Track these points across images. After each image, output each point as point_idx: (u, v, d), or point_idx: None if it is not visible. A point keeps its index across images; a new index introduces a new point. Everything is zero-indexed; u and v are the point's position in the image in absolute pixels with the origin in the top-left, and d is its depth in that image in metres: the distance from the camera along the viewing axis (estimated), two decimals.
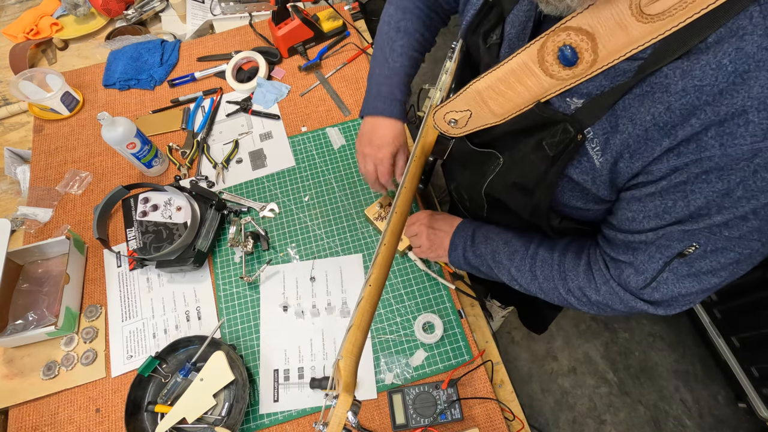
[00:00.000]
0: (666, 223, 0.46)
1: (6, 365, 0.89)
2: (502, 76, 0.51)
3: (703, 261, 0.46)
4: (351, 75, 1.18)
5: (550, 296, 0.65)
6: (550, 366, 1.73)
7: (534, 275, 0.65)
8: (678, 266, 0.48)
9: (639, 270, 0.51)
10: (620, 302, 0.55)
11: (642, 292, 0.52)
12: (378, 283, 0.58)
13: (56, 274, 0.95)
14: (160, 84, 1.21)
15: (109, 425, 0.83)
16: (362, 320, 0.55)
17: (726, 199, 0.41)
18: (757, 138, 0.37)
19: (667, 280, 0.49)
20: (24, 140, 1.18)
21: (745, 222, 0.42)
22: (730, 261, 0.45)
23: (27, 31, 1.30)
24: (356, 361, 0.53)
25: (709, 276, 0.47)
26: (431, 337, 0.84)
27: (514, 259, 0.68)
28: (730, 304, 1.51)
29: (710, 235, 0.44)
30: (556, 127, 0.50)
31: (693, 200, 0.43)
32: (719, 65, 0.37)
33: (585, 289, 0.59)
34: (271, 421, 0.81)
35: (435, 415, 0.78)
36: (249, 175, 1.06)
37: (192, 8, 1.30)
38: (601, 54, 0.43)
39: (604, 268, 0.57)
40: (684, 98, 0.39)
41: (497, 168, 0.63)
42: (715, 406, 1.64)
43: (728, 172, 0.39)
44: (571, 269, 0.61)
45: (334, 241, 0.96)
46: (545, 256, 0.64)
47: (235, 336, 0.89)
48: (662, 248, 0.48)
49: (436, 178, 2.12)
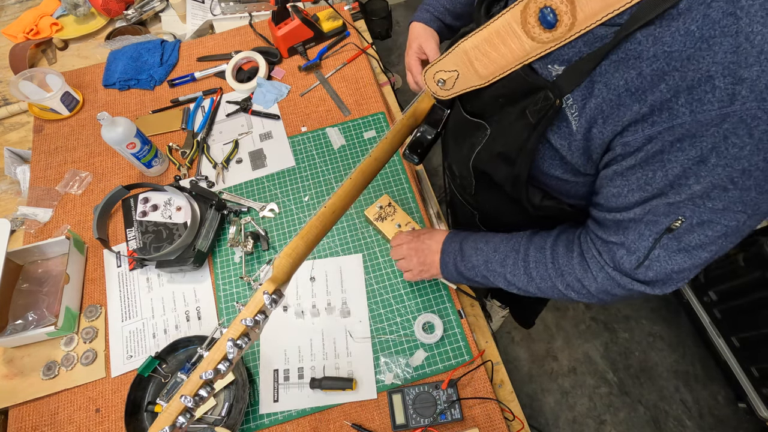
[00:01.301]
0: (650, 195, 0.47)
1: (6, 365, 0.89)
2: (488, 36, 0.53)
3: (692, 235, 0.47)
4: (351, 75, 1.18)
5: (549, 294, 0.65)
6: (550, 366, 1.73)
7: (530, 277, 0.65)
8: (668, 242, 0.48)
9: (630, 249, 0.52)
10: (618, 286, 0.55)
11: (636, 272, 0.52)
12: (334, 209, 0.64)
13: (56, 274, 0.95)
14: (160, 84, 1.21)
15: (109, 425, 0.83)
16: (308, 233, 0.61)
17: (702, 168, 0.42)
18: (723, 103, 0.38)
19: (659, 257, 0.50)
20: (24, 140, 1.18)
21: (725, 192, 0.42)
22: (718, 234, 0.46)
23: (27, 31, 1.30)
24: (291, 263, 0.59)
25: (699, 250, 0.48)
26: (431, 337, 0.84)
27: (506, 264, 0.68)
28: (730, 304, 1.51)
29: (694, 207, 0.45)
30: (539, 94, 0.51)
31: (671, 169, 0.43)
32: (687, 31, 0.39)
33: (583, 280, 0.59)
34: (271, 421, 0.81)
35: (435, 415, 0.78)
36: (249, 175, 1.06)
37: (192, 8, 1.30)
38: (579, 17, 0.45)
39: (597, 254, 0.57)
40: (654, 64, 0.41)
41: (485, 139, 0.64)
42: (715, 406, 1.64)
43: (700, 139, 0.40)
44: (566, 263, 0.61)
45: (334, 241, 0.96)
46: (537, 256, 0.64)
47: None
48: (650, 224, 0.49)
49: (437, 178, 2.12)
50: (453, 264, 0.76)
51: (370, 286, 0.91)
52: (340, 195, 0.65)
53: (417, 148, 0.78)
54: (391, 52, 2.51)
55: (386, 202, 0.95)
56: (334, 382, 0.81)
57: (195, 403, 0.53)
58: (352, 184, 0.66)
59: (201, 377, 0.53)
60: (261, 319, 0.56)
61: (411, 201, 1.00)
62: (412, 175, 1.04)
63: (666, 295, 1.79)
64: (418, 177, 1.07)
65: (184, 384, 0.54)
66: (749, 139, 0.39)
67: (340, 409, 0.82)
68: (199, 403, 0.54)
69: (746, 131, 0.38)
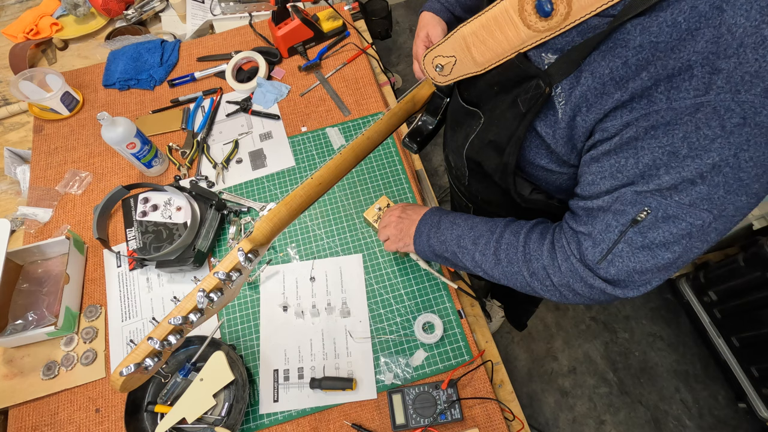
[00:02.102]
0: (620, 184, 0.47)
1: (6, 365, 0.89)
2: (485, 22, 0.53)
3: (656, 231, 0.46)
4: (351, 75, 1.18)
5: (513, 281, 0.63)
6: (550, 366, 1.73)
7: (498, 259, 0.64)
8: (632, 236, 0.48)
9: (596, 240, 0.51)
10: (580, 280, 0.55)
11: (599, 267, 0.52)
12: (321, 180, 0.65)
13: (56, 274, 0.95)
14: (160, 84, 1.21)
15: (109, 425, 0.83)
16: (291, 200, 0.63)
17: (672, 159, 0.42)
18: (699, 92, 0.39)
19: (622, 252, 0.50)
20: (24, 140, 1.18)
21: (693, 186, 0.42)
22: (683, 233, 0.45)
23: (27, 31, 1.30)
24: (272, 227, 0.62)
25: (662, 249, 0.47)
26: (431, 337, 0.84)
27: (478, 243, 0.67)
28: (730, 304, 1.51)
29: (661, 199, 0.44)
30: (531, 82, 0.52)
31: (642, 157, 0.44)
32: (674, 22, 0.39)
33: (548, 268, 0.58)
34: (271, 422, 0.81)
35: (435, 416, 0.78)
36: (249, 175, 1.06)
37: (192, 8, 1.30)
38: (575, 7, 0.45)
39: (566, 244, 0.57)
40: (640, 53, 0.41)
41: (478, 127, 0.64)
42: (715, 406, 1.63)
43: (673, 127, 0.41)
44: (536, 249, 0.60)
45: (334, 242, 0.96)
46: (510, 240, 0.64)
47: (235, 336, 0.89)
48: (617, 214, 0.48)
49: (437, 178, 2.11)
50: (426, 235, 0.75)
51: (370, 286, 0.91)
52: (328, 167, 0.66)
53: (417, 137, 0.78)
54: (391, 52, 2.51)
55: (385, 204, 0.95)
56: (334, 382, 0.81)
57: (162, 346, 0.55)
58: (342, 158, 0.67)
59: (170, 322, 0.55)
60: (236, 276, 0.57)
61: (411, 201, 1.00)
62: (412, 175, 1.04)
63: (666, 295, 1.79)
64: (418, 177, 1.07)
65: (154, 328, 0.56)
66: (720, 131, 0.39)
67: (340, 409, 0.82)
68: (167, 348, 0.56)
69: (718, 122, 0.38)
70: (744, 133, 0.38)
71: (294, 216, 0.64)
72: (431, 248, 0.74)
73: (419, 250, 0.77)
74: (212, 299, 0.56)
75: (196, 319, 0.56)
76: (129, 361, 0.54)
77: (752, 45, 0.36)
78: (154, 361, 0.55)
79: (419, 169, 1.10)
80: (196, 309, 0.56)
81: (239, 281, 0.59)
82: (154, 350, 0.55)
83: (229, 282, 0.57)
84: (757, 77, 0.36)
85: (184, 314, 0.55)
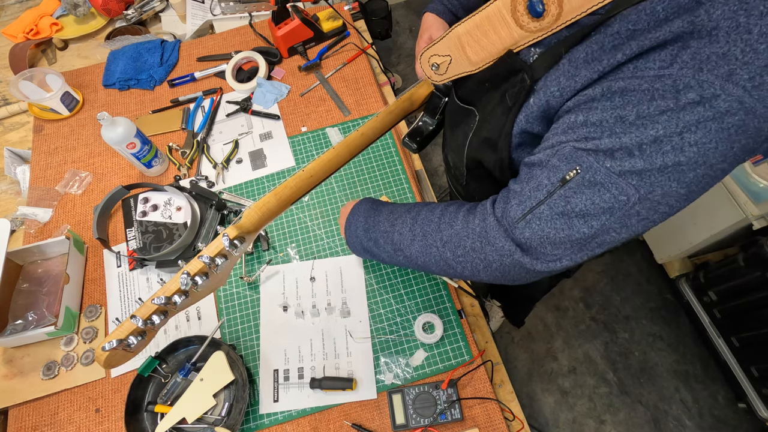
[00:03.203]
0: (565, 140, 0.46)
1: (6, 365, 0.89)
2: (479, 22, 0.54)
3: (579, 196, 0.45)
4: (351, 75, 1.18)
5: (429, 258, 0.61)
6: (550, 366, 1.73)
7: (413, 234, 0.63)
8: (556, 200, 0.47)
9: (523, 198, 0.50)
10: (490, 244, 0.53)
11: (516, 225, 0.51)
12: (312, 173, 0.65)
13: (56, 274, 0.95)
14: (160, 84, 1.21)
15: (109, 425, 0.83)
16: (282, 191, 0.63)
17: (618, 123, 0.42)
18: (664, 64, 0.39)
19: (542, 214, 0.48)
20: (24, 140, 1.18)
21: (629, 157, 0.41)
22: (604, 205, 0.44)
23: (27, 31, 1.30)
24: (260, 216, 0.62)
25: (580, 220, 0.46)
26: (431, 337, 0.84)
27: (396, 223, 0.66)
28: (730, 304, 1.51)
29: (593, 161, 0.43)
30: (517, 77, 0.52)
31: (591, 115, 0.44)
32: (653, 11, 0.40)
33: (461, 232, 0.57)
34: (271, 422, 0.81)
35: (435, 415, 0.78)
36: (249, 175, 1.06)
37: (192, 8, 1.30)
38: (566, 8, 0.46)
39: (489, 204, 0.56)
40: (616, 39, 0.42)
41: (474, 125, 0.64)
42: (715, 406, 1.63)
43: (630, 94, 0.41)
44: (450, 217, 0.59)
45: (334, 241, 0.96)
46: (427, 214, 0.62)
47: (235, 336, 0.89)
48: (551, 171, 0.47)
49: (437, 178, 2.11)
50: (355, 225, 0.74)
51: (370, 286, 0.91)
52: (320, 161, 0.66)
53: (416, 136, 0.79)
54: (391, 52, 2.51)
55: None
56: (334, 382, 0.81)
57: (145, 324, 0.56)
58: (335, 153, 0.67)
59: (153, 302, 0.56)
60: (221, 262, 0.58)
61: (411, 201, 1.00)
62: (411, 175, 1.04)
63: (666, 295, 1.79)
64: (417, 177, 1.07)
65: (139, 307, 0.57)
66: (673, 104, 0.38)
67: (340, 409, 0.82)
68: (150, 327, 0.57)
69: (673, 95, 0.38)
70: (696, 113, 0.37)
71: (284, 207, 0.64)
72: (358, 238, 0.74)
73: (350, 242, 0.77)
74: (197, 282, 0.57)
75: (180, 301, 0.57)
76: (112, 336, 0.55)
77: (726, 28, 0.36)
78: (137, 340, 0.56)
79: (419, 168, 1.10)
80: (181, 291, 0.57)
81: (225, 267, 0.60)
82: (138, 329, 0.56)
83: (214, 266, 0.58)
84: (723, 59, 0.36)
85: (168, 295, 0.56)
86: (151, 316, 0.56)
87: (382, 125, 0.72)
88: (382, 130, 0.72)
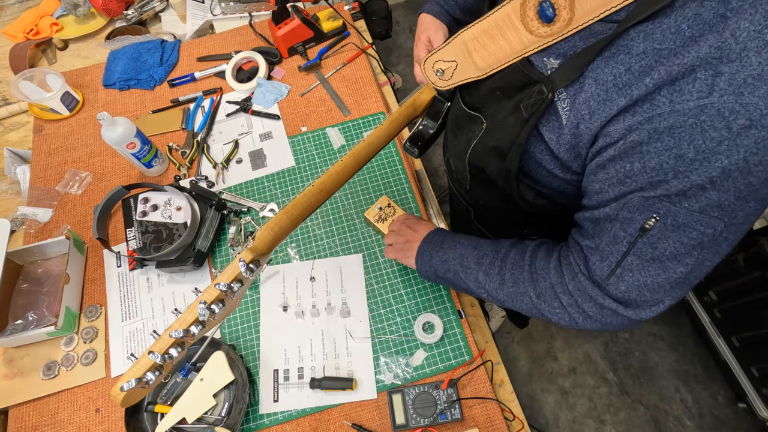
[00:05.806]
0: (627, 190, 0.46)
1: (6, 365, 0.89)
2: (487, 27, 0.53)
3: (666, 241, 0.45)
4: (351, 75, 1.18)
5: (519, 303, 0.61)
6: (550, 366, 1.73)
7: (503, 279, 0.63)
8: (641, 248, 0.47)
9: (604, 254, 0.50)
10: (589, 300, 0.53)
11: (608, 282, 0.50)
12: (322, 188, 0.64)
13: (56, 274, 0.95)
14: (160, 84, 1.21)
15: (109, 425, 0.83)
16: (293, 209, 0.62)
17: (680, 163, 0.41)
18: (702, 94, 0.38)
19: (631, 265, 0.48)
20: (24, 140, 1.18)
21: (703, 192, 0.41)
22: (694, 242, 0.44)
23: (27, 31, 1.30)
24: (273, 236, 0.60)
25: (673, 262, 0.46)
26: (431, 337, 0.84)
27: (482, 263, 0.66)
28: (730, 304, 1.51)
29: (670, 205, 0.43)
30: (533, 88, 0.51)
31: (648, 161, 0.43)
32: (678, 29, 0.39)
33: (556, 287, 0.56)
34: (271, 421, 0.81)
35: (435, 416, 0.78)
36: (249, 175, 1.06)
37: (192, 8, 1.30)
38: (578, 13, 0.45)
39: (573, 261, 0.55)
40: (643, 60, 0.41)
41: (480, 133, 0.64)
42: (715, 406, 1.63)
43: (678, 131, 0.40)
44: (542, 267, 0.59)
45: (334, 241, 0.96)
46: (516, 259, 0.62)
47: (235, 336, 0.89)
48: (625, 223, 0.47)
49: (437, 178, 2.11)
50: (429, 253, 0.74)
51: (370, 286, 0.91)
52: (329, 175, 0.65)
53: (418, 141, 0.78)
54: (391, 52, 2.51)
55: (386, 203, 0.95)
56: (334, 382, 0.81)
57: (163, 360, 0.53)
58: (343, 166, 0.66)
59: (171, 335, 0.53)
60: (237, 287, 0.56)
61: (411, 201, 1.00)
62: (412, 175, 1.04)
63: None
64: (418, 177, 1.07)
65: (155, 341, 0.54)
66: (727, 133, 0.38)
67: (340, 409, 0.82)
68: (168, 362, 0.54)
69: (724, 124, 0.38)
70: (751, 135, 0.37)
71: (295, 224, 0.63)
72: (433, 268, 0.74)
73: (421, 269, 0.77)
74: (213, 311, 0.54)
75: (198, 331, 0.54)
76: (130, 375, 0.53)
77: (755, 49, 0.36)
78: (155, 375, 0.53)
79: (419, 169, 1.10)
80: (198, 321, 0.54)
81: (240, 292, 0.58)
82: (156, 364, 0.53)
83: (230, 293, 0.56)
84: (759, 80, 0.36)
85: (185, 327, 0.54)
86: (169, 349, 0.53)
87: (387, 133, 0.71)
88: (387, 138, 0.71)
